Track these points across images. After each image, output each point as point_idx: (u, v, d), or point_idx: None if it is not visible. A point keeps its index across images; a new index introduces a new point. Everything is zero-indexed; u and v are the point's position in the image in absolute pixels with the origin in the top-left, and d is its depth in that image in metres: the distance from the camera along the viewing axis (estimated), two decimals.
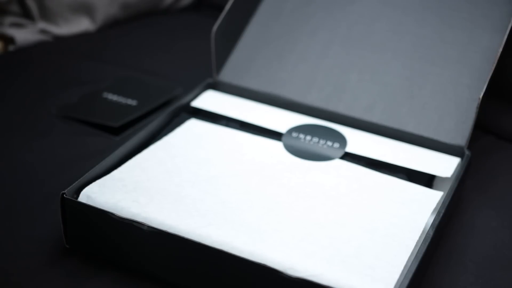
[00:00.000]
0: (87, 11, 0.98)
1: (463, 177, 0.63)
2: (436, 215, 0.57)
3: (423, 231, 0.56)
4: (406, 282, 0.49)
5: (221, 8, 0.80)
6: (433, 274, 0.58)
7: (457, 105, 0.68)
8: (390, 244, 0.54)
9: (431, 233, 0.54)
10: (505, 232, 0.64)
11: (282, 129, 0.68)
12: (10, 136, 0.73)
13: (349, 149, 0.66)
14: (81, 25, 0.98)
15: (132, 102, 0.79)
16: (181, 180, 0.59)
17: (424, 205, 0.59)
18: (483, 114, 0.73)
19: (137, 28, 1.01)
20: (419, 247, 0.53)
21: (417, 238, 0.55)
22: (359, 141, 0.67)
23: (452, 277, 0.58)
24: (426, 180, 0.63)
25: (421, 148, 0.67)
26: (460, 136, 0.66)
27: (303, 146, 0.65)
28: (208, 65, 0.78)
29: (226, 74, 0.76)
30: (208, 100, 0.73)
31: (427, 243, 0.53)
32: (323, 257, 0.52)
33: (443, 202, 0.58)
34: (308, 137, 0.67)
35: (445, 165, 0.64)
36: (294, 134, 0.67)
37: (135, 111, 0.78)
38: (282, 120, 0.70)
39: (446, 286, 0.57)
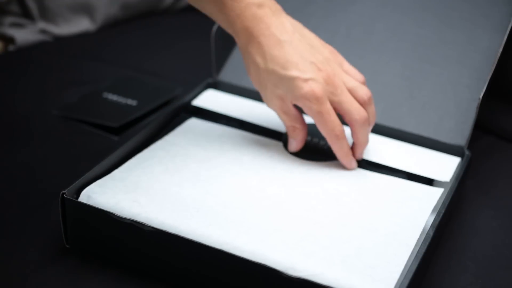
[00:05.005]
0: (87, 11, 0.98)
1: (463, 177, 0.63)
2: (436, 215, 0.57)
3: (423, 231, 0.56)
4: (406, 282, 0.49)
5: None
6: (433, 274, 0.58)
7: (457, 105, 0.68)
8: (390, 243, 0.54)
9: (431, 233, 0.54)
10: (505, 232, 0.64)
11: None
12: (10, 136, 0.73)
13: None
14: (81, 25, 0.98)
15: (132, 102, 0.79)
16: (182, 180, 0.59)
17: (424, 203, 0.59)
18: (483, 114, 0.73)
19: (137, 28, 1.00)
20: (419, 247, 0.53)
21: (417, 237, 0.55)
22: None
23: (452, 277, 0.58)
24: (426, 180, 0.63)
25: (421, 148, 0.67)
26: (460, 136, 0.66)
27: (303, 146, 0.65)
28: (208, 65, 0.78)
29: (226, 74, 0.76)
30: (209, 99, 0.73)
31: (427, 243, 0.53)
32: (323, 257, 0.52)
33: (443, 202, 0.58)
34: (308, 137, 0.67)
35: (444, 168, 0.64)
36: None
37: (135, 111, 0.78)
38: None
39: (446, 286, 0.57)
